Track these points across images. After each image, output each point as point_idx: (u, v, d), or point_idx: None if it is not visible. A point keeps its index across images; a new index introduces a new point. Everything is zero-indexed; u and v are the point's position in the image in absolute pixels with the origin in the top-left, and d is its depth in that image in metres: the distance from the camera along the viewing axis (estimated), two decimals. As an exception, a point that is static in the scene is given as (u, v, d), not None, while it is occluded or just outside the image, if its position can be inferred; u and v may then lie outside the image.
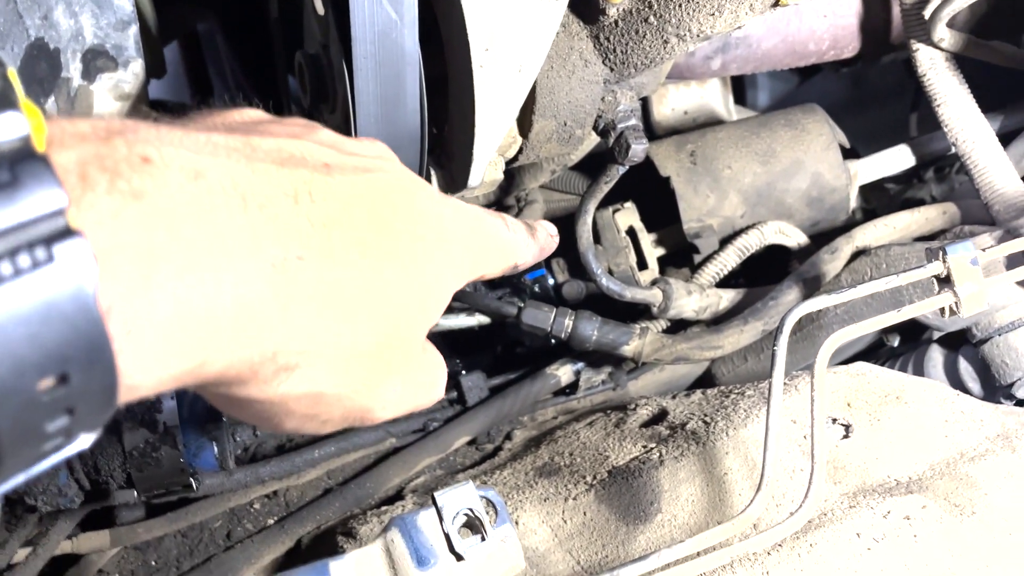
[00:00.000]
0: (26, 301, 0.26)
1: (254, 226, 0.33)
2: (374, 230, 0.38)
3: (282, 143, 0.36)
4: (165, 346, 0.30)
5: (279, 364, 0.35)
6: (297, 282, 0.34)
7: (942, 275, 0.66)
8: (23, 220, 0.26)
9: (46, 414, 0.28)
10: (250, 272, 0.32)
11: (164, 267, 0.30)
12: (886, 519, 0.63)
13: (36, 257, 0.26)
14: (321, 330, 0.36)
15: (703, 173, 0.95)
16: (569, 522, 0.70)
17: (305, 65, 0.72)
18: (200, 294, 0.31)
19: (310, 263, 0.35)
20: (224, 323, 0.32)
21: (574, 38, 0.72)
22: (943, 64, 0.88)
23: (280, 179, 0.35)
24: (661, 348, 0.86)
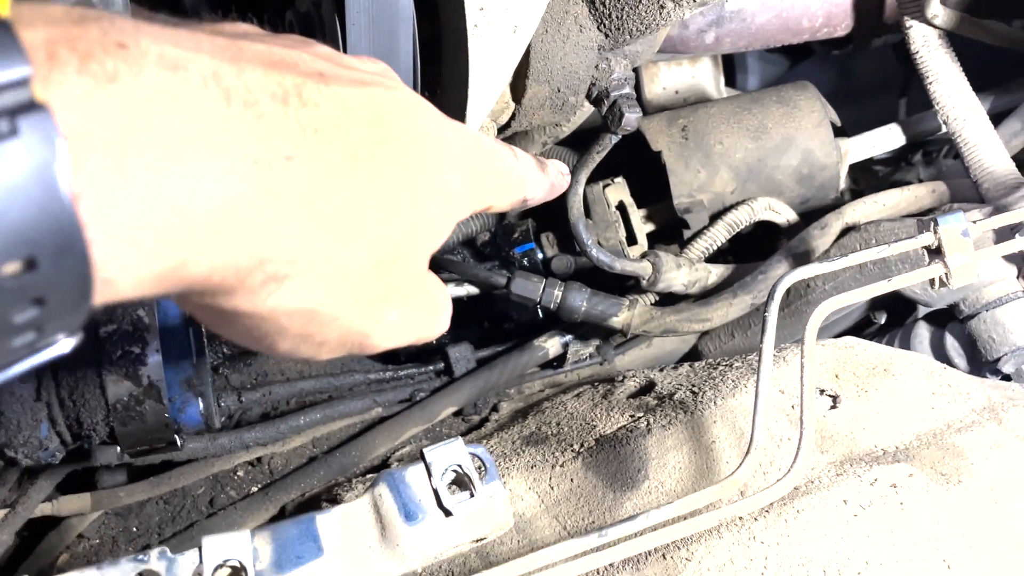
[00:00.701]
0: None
1: (238, 123, 0.31)
2: (371, 144, 0.36)
3: (273, 48, 0.34)
4: (142, 239, 0.28)
5: (267, 273, 0.33)
6: (286, 184, 0.32)
7: (933, 246, 0.66)
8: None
9: (12, 302, 0.26)
10: (233, 169, 0.30)
11: (139, 155, 0.28)
12: (873, 487, 0.63)
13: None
14: (314, 240, 0.34)
15: (694, 148, 0.95)
16: (556, 488, 0.70)
17: (296, 24, 0.71)
18: (179, 187, 0.29)
19: (300, 165, 0.33)
20: (205, 221, 0.30)
21: (570, 2, 0.71)
22: (936, 42, 0.88)
23: (269, 80, 0.32)
24: (650, 320, 0.86)
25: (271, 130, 0.32)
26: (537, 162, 0.49)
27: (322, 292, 0.35)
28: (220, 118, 0.30)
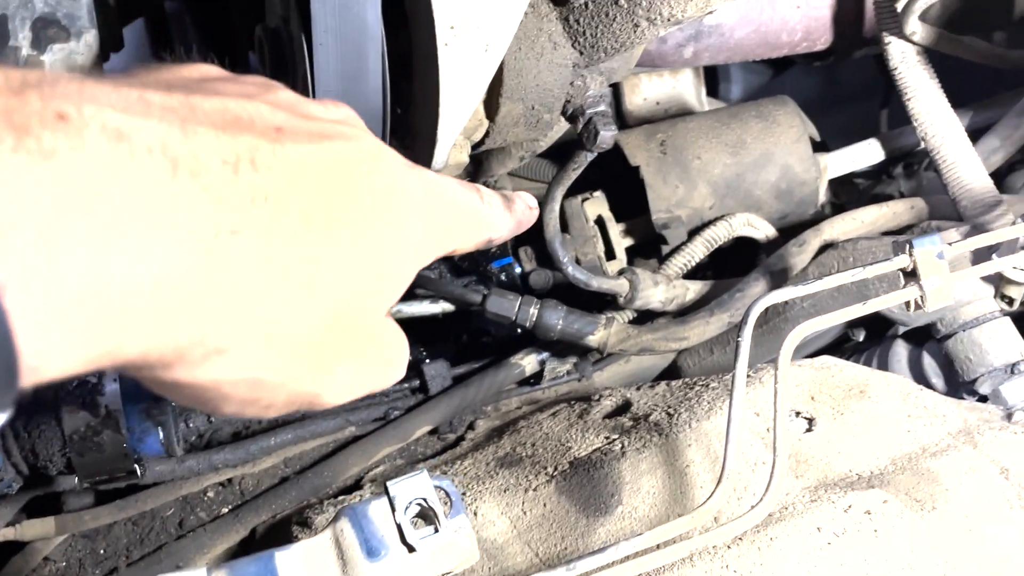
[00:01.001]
0: None
1: (183, 196, 0.29)
2: (325, 203, 0.35)
3: (229, 103, 0.33)
4: (72, 327, 0.27)
5: (208, 347, 0.32)
6: (229, 259, 0.31)
7: (908, 268, 0.65)
8: None
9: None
10: (174, 247, 0.29)
11: (71, 237, 0.27)
12: (847, 513, 0.62)
13: None
14: (257, 312, 0.33)
15: (673, 163, 0.94)
16: (528, 513, 0.69)
17: (265, 40, 0.70)
18: (113, 269, 0.28)
19: (245, 238, 0.31)
20: (142, 303, 0.29)
21: (543, 19, 0.70)
22: (914, 58, 0.88)
23: (220, 145, 0.31)
24: (626, 339, 0.85)
25: (218, 202, 0.31)
26: (503, 200, 0.48)
27: (267, 360, 0.34)
28: (164, 191, 0.29)
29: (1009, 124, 0.93)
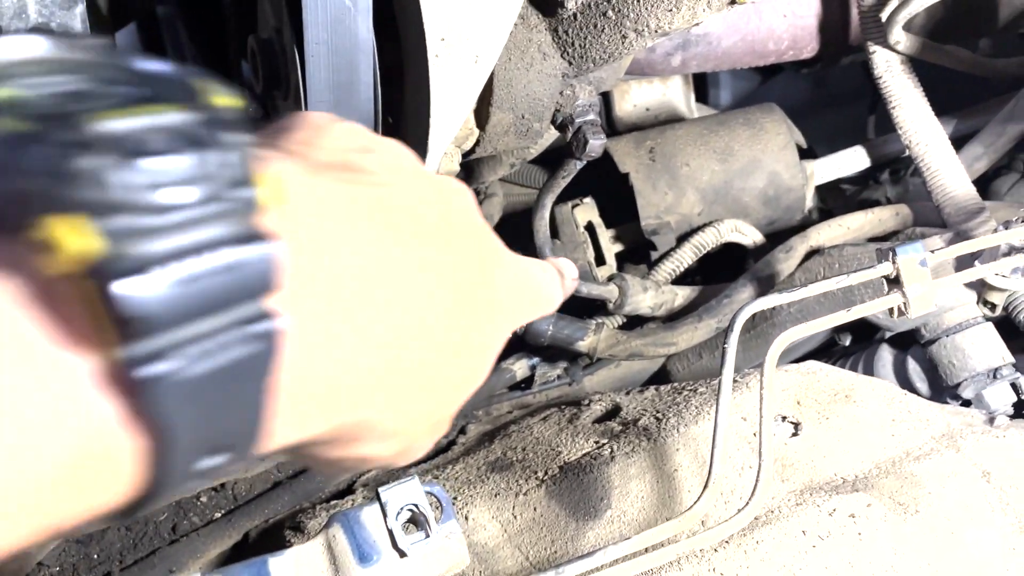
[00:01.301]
0: (223, 385, 0.25)
1: None
2: (475, 316, 0.37)
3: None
4: (303, 419, 0.30)
5: (374, 433, 0.34)
6: (399, 375, 0.34)
7: (892, 276, 0.66)
8: (241, 315, 0.25)
9: (197, 478, 0.27)
10: (372, 359, 0.32)
11: (320, 357, 0.30)
12: (831, 517, 0.63)
13: (240, 340, 0.25)
14: (404, 412, 0.35)
15: (662, 170, 0.95)
16: (519, 518, 0.70)
17: (258, 50, 0.70)
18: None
19: (411, 360, 0.34)
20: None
21: (533, 30, 0.71)
22: (899, 67, 0.89)
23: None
24: (616, 344, 0.86)
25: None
26: (560, 276, 0.49)
27: (387, 447, 0.37)
28: None
29: (992, 131, 0.94)
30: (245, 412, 0.27)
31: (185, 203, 0.24)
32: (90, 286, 0.22)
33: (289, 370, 0.27)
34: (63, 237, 0.22)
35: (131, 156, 0.23)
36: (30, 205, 0.22)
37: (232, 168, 0.25)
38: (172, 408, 0.24)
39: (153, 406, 0.24)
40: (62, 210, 0.22)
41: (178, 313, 0.24)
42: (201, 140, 0.24)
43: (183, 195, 0.24)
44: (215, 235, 0.24)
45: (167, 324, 0.24)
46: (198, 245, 0.24)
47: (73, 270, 0.22)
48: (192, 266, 0.24)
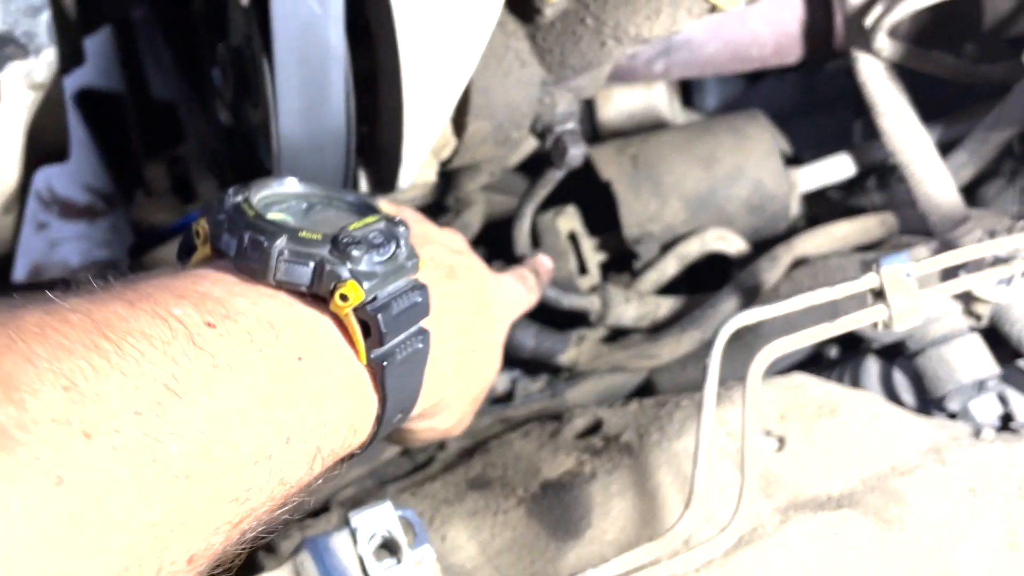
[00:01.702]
0: (407, 371, 0.47)
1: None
2: (473, 317, 0.59)
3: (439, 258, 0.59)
4: (425, 398, 0.52)
5: (439, 407, 0.57)
6: (459, 370, 0.57)
7: (876, 288, 0.65)
8: (415, 329, 0.47)
9: (392, 426, 0.49)
10: (449, 359, 0.55)
11: (434, 358, 0.51)
12: (816, 535, 0.62)
13: (415, 343, 0.47)
14: (461, 392, 0.59)
15: (645, 178, 0.94)
16: (498, 538, 0.68)
17: (227, 58, 0.68)
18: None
19: (465, 359, 0.58)
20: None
21: (510, 37, 0.69)
22: (883, 73, 0.88)
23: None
24: (598, 357, 0.85)
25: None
26: (536, 278, 0.75)
27: (457, 416, 0.62)
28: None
29: (978, 138, 0.93)
30: (413, 386, 0.48)
31: (391, 270, 0.45)
32: (358, 315, 0.44)
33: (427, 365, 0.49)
34: (349, 292, 0.43)
35: (370, 248, 0.44)
36: (327, 279, 0.43)
37: (404, 248, 0.46)
38: (390, 381, 0.45)
39: (384, 380, 0.45)
40: (346, 279, 0.43)
41: (395, 328, 0.45)
42: (392, 235, 0.46)
43: (391, 265, 0.45)
44: (405, 285, 0.46)
45: (391, 334, 0.44)
46: (400, 291, 0.45)
47: (350, 310, 0.43)
48: (399, 304, 0.45)
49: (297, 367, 0.40)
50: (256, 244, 0.42)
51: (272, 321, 0.40)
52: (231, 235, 0.43)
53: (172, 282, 0.39)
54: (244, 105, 0.70)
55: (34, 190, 2.02)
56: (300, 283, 0.42)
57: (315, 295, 0.43)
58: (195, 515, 0.34)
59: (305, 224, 0.45)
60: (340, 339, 0.44)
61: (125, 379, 0.32)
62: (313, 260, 0.42)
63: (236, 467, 0.36)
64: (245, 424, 0.36)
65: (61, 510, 0.28)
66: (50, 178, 2.03)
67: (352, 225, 0.45)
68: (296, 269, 0.42)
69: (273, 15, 0.57)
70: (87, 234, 2.04)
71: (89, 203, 2.05)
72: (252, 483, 0.37)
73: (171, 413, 0.33)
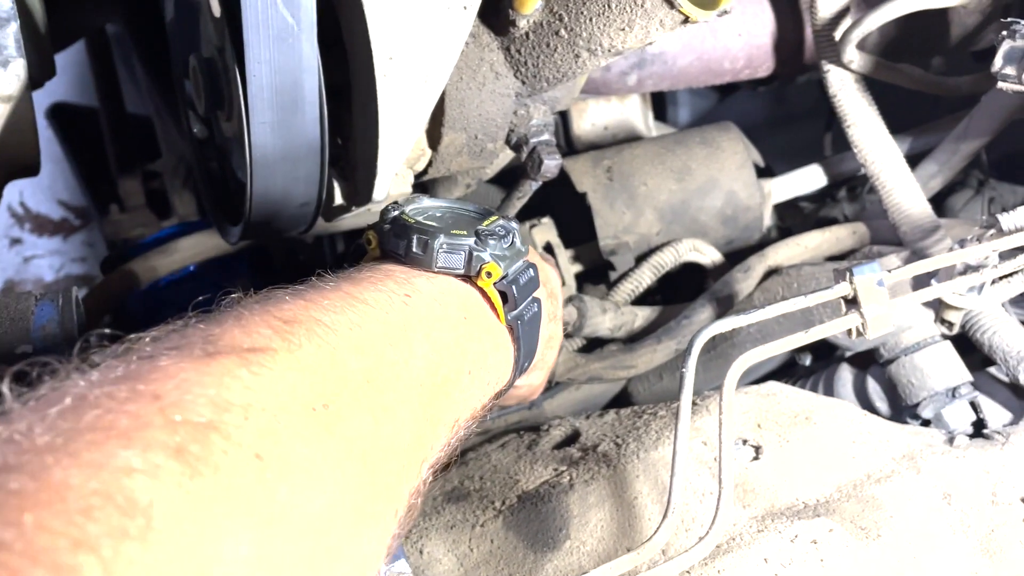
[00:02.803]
0: (531, 330, 0.62)
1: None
2: (557, 309, 0.74)
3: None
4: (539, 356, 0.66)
5: (539, 365, 0.70)
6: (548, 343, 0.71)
7: (849, 296, 0.66)
8: (531, 298, 0.62)
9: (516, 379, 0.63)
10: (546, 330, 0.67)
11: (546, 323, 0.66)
12: (793, 543, 0.62)
13: (533, 310, 0.61)
14: (548, 356, 0.71)
15: (619, 189, 0.94)
16: (476, 550, 0.67)
17: (199, 69, 0.68)
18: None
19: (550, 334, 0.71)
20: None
21: (484, 49, 0.70)
22: (853, 85, 0.89)
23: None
24: (575, 367, 0.85)
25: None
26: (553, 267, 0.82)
27: (539, 376, 0.74)
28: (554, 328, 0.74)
29: (947, 149, 0.94)
30: (534, 340, 0.62)
31: (513, 253, 0.59)
32: (498, 288, 0.57)
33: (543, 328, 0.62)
34: (491, 270, 0.56)
35: (500, 238, 0.58)
36: (474, 262, 0.57)
37: (518, 237, 0.60)
38: (522, 336, 0.59)
39: (518, 335, 0.59)
40: (488, 262, 0.56)
41: (522, 295, 0.58)
42: (509, 229, 0.59)
43: (512, 250, 0.59)
44: (523, 265, 0.59)
45: (520, 299, 0.58)
46: (520, 269, 0.59)
47: (492, 284, 0.57)
48: (522, 278, 0.58)
49: (465, 323, 0.54)
50: (421, 242, 0.56)
51: (443, 292, 0.55)
52: (398, 239, 0.57)
53: (368, 275, 0.52)
54: (217, 117, 0.69)
55: (6, 205, 1.99)
56: (456, 268, 0.56)
57: (466, 276, 0.57)
58: (436, 425, 0.47)
59: (450, 226, 0.58)
60: (486, 307, 0.57)
61: (371, 322, 0.46)
62: (464, 250, 0.56)
63: (452, 380, 0.50)
64: (450, 354, 0.51)
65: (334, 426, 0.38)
66: (24, 193, 2.00)
67: (484, 223, 0.59)
68: (452, 257, 0.56)
69: (245, 25, 0.56)
70: (61, 249, 2.02)
71: (63, 218, 2.02)
72: (462, 393, 0.51)
73: (406, 345, 0.47)
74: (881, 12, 0.82)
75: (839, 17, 0.88)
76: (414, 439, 0.44)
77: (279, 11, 0.57)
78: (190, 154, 0.87)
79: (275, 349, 0.37)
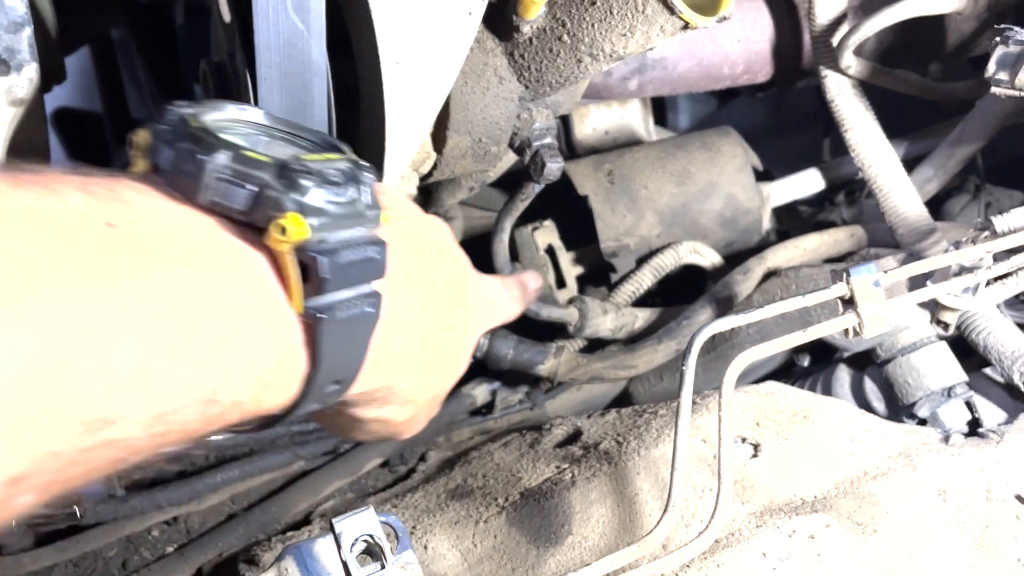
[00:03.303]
0: (350, 333, 0.40)
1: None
2: (458, 319, 0.52)
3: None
4: (373, 372, 0.43)
5: (393, 394, 0.47)
6: (420, 354, 0.48)
7: (846, 296, 0.67)
8: (366, 289, 0.41)
9: (324, 398, 0.41)
10: (408, 338, 0.47)
11: (387, 329, 0.43)
12: (791, 538, 0.63)
13: (361, 303, 0.40)
14: (420, 382, 0.49)
15: (620, 193, 0.96)
16: (479, 546, 0.69)
17: (210, 73, 0.69)
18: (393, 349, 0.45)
19: (429, 344, 0.49)
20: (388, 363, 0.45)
21: (489, 54, 0.71)
22: (850, 91, 0.91)
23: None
24: (576, 367, 0.86)
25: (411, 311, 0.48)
26: (521, 289, 0.65)
27: (401, 412, 0.50)
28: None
29: (943, 153, 0.96)
30: (355, 354, 0.41)
31: (347, 214, 0.39)
32: (299, 256, 0.37)
33: (376, 334, 0.41)
34: (290, 225, 0.37)
35: (324, 183, 0.38)
36: (268, 207, 0.37)
37: (367, 196, 0.41)
38: (327, 341, 0.39)
39: (319, 337, 0.38)
40: (289, 210, 0.37)
41: (341, 281, 0.39)
42: (355, 178, 0.40)
43: (348, 209, 0.39)
44: (360, 236, 0.40)
45: (336, 287, 0.38)
46: (353, 241, 0.39)
47: (290, 247, 0.37)
48: (351, 254, 0.39)
49: (201, 296, 0.34)
50: (191, 156, 0.37)
51: (186, 239, 0.35)
52: (167, 145, 0.38)
53: (82, 179, 0.34)
54: (226, 120, 0.70)
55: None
56: (234, 206, 0.37)
57: (252, 225, 0.37)
58: (32, 429, 0.28)
59: (255, 148, 0.39)
60: (272, 279, 0.37)
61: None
62: (254, 183, 0.37)
63: (98, 380, 0.30)
64: (116, 334, 0.31)
65: None
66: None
67: (308, 155, 0.40)
68: (233, 190, 0.37)
69: (256, 31, 0.58)
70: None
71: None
72: (121, 407, 0.31)
73: (29, 298, 0.28)
74: (878, 19, 0.84)
75: (836, 23, 0.90)
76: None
77: (289, 16, 0.59)
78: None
79: None
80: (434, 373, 0.51)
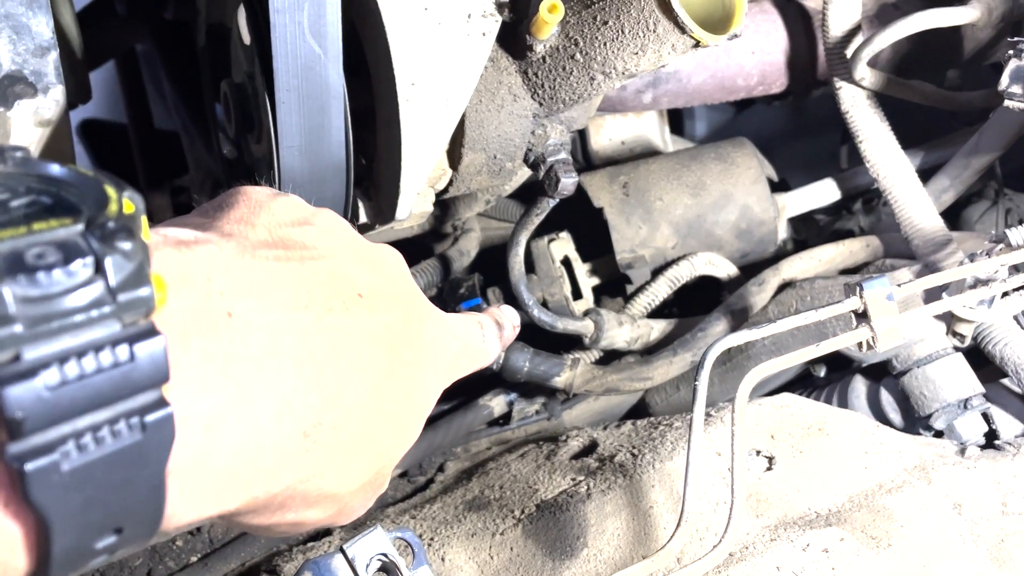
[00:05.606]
0: (113, 471, 0.27)
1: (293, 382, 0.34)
2: (398, 379, 0.40)
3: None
4: (211, 495, 0.32)
5: (285, 502, 0.36)
6: (321, 442, 0.35)
7: (859, 310, 0.67)
8: (132, 406, 0.27)
9: (97, 555, 0.29)
10: (285, 431, 0.33)
11: (224, 435, 0.31)
12: (805, 552, 0.64)
13: (131, 429, 0.28)
14: (331, 477, 0.37)
15: (635, 204, 0.96)
16: (496, 558, 0.69)
17: (230, 94, 0.71)
18: (242, 453, 0.32)
19: (333, 426, 0.36)
20: (258, 472, 0.33)
21: (503, 73, 0.72)
22: (865, 102, 0.91)
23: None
24: (592, 379, 0.87)
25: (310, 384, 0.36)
26: (497, 328, 0.53)
27: (321, 511, 0.39)
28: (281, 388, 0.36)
29: (958, 163, 0.96)
30: (139, 494, 0.29)
31: (71, 308, 0.26)
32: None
33: (189, 451, 0.30)
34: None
35: (12, 273, 0.25)
36: None
37: (121, 271, 0.27)
38: (53, 495, 0.27)
39: (33, 495, 0.26)
40: None
41: (62, 411, 0.26)
42: (85, 251, 0.27)
43: (72, 301, 0.26)
44: (101, 336, 0.27)
45: (50, 422, 0.26)
46: (84, 347, 0.26)
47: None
48: (77, 367, 0.26)
49: None
50: None
51: None
52: None
53: None
54: (247, 139, 0.72)
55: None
56: None
57: None
58: None
59: None
60: None
61: None
62: None
63: None
64: None
65: None
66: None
67: (8, 230, 0.26)
68: None
69: (275, 55, 0.59)
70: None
71: (90, 232, 2.06)
72: None
73: None
74: (892, 30, 0.84)
75: (850, 35, 0.90)
76: None
77: (307, 41, 0.60)
78: (219, 173, 0.90)
79: None
80: (362, 456, 0.39)
